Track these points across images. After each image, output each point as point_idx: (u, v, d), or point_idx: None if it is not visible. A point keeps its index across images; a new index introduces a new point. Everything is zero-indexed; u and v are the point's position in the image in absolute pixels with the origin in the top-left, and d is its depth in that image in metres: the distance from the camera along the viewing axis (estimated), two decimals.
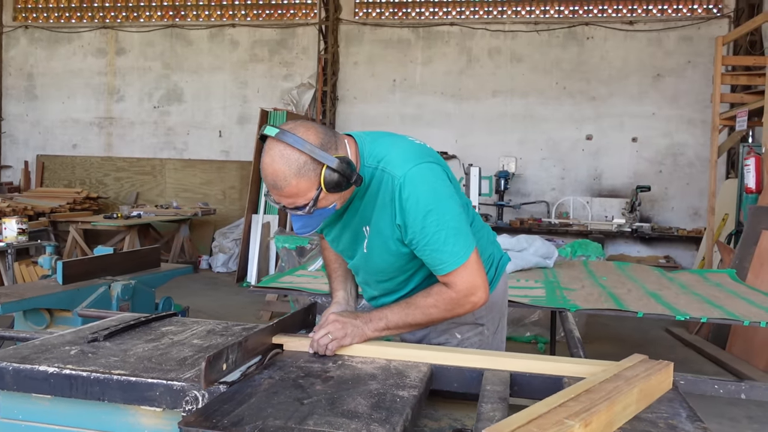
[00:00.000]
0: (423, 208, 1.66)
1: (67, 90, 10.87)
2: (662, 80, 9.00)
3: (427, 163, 1.71)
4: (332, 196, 1.64)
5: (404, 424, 1.25)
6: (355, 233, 1.82)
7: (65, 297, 3.18)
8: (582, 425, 1.11)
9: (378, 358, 1.65)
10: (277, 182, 1.58)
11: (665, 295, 3.21)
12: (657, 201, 9.13)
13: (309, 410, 1.27)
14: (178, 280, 8.25)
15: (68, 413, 1.47)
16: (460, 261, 1.69)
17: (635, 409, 1.31)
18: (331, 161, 1.57)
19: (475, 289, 1.72)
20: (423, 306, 1.75)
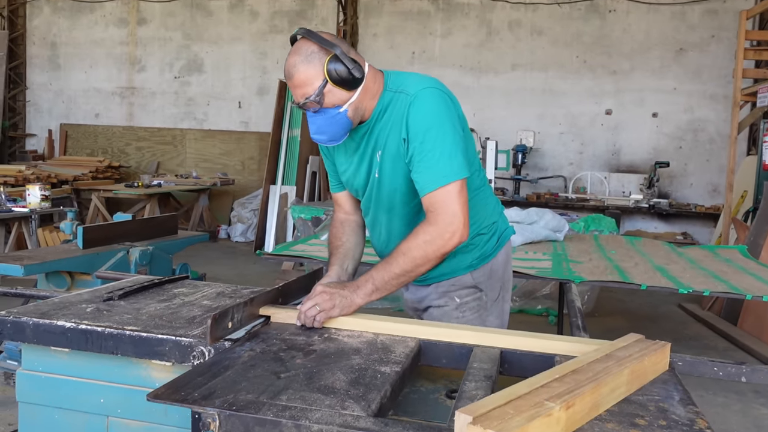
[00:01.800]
0: (426, 124, 1.73)
1: (90, 60, 10.99)
2: (685, 55, 8.87)
3: (440, 90, 1.79)
4: (339, 93, 1.72)
5: (381, 401, 1.21)
6: (369, 163, 1.87)
7: (85, 261, 3.29)
8: (563, 408, 1.05)
9: (366, 331, 1.61)
10: (290, 70, 1.72)
11: (672, 269, 3.24)
12: (676, 177, 9.06)
13: (285, 385, 1.24)
14: (197, 249, 8.42)
15: (84, 366, 1.56)
16: (445, 181, 1.71)
17: (626, 390, 1.26)
18: (336, 50, 1.67)
19: (452, 216, 1.71)
20: (404, 250, 1.72)
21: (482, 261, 1.99)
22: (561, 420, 1.04)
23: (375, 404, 1.18)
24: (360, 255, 2.05)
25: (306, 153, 8.92)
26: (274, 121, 8.62)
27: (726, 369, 1.47)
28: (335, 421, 1.09)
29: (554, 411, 1.03)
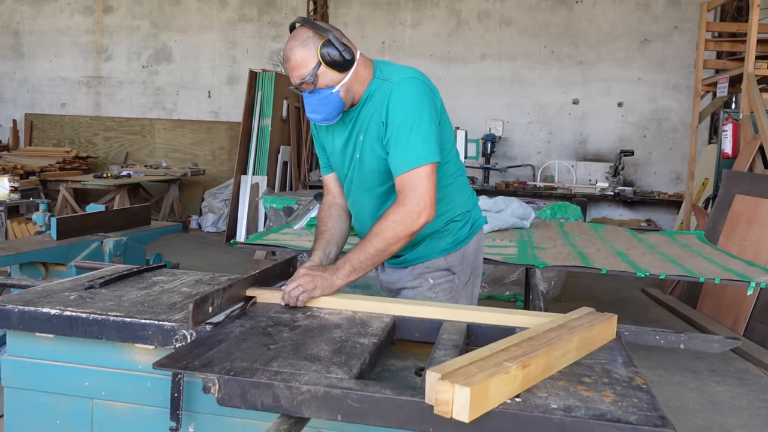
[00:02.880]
0: (404, 109, 1.86)
1: (55, 48, 10.81)
2: (649, 45, 9.08)
3: (421, 81, 1.92)
4: (331, 74, 1.88)
5: (361, 366, 1.36)
6: (353, 145, 2.01)
7: (59, 251, 3.32)
8: (520, 367, 1.19)
9: (345, 309, 1.75)
10: (287, 54, 1.88)
11: (632, 255, 3.38)
12: (640, 165, 9.29)
13: (275, 354, 1.37)
14: (169, 239, 8.40)
15: (69, 351, 1.62)
16: (417, 163, 1.84)
17: (576, 355, 1.41)
18: (330, 35, 1.85)
19: (419, 198, 1.83)
20: (377, 232, 1.85)
21: (456, 246, 2.11)
22: (518, 377, 1.18)
23: (356, 369, 1.32)
24: (344, 241, 2.17)
25: (277, 143, 8.94)
26: (245, 111, 8.62)
27: (666, 337, 1.64)
28: (322, 382, 1.22)
29: (512, 370, 1.17)
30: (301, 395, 1.21)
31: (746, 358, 4.53)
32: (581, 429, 1.11)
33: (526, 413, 1.13)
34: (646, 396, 1.24)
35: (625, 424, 1.10)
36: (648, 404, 1.19)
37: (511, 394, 1.17)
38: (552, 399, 1.19)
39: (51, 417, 1.65)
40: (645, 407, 1.18)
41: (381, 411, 1.18)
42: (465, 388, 1.07)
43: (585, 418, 1.11)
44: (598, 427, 1.11)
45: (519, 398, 1.18)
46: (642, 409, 1.17)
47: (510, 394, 1.17)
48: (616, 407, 1.16)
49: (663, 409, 1.20)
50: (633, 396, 1.23)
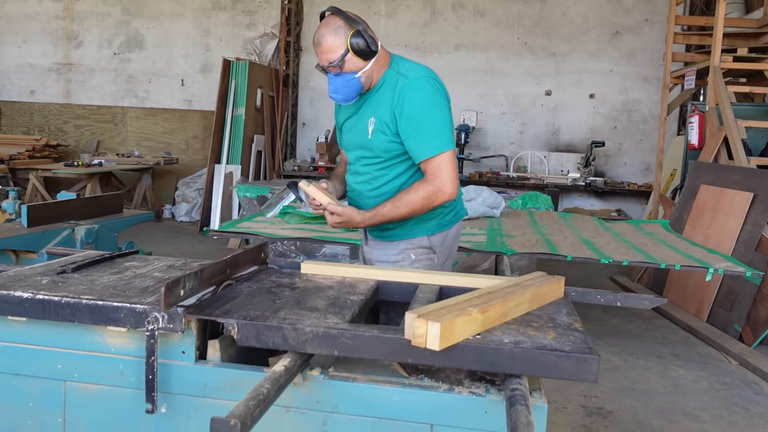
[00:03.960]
0: (423, 104, 2.11)
1: (23, 34, 10.63)
2: (620, 38, 9.22)
3: (436, 80, 2.18)
4: (356, 61, 2.11)
5: (352, 316, 1.63)
6: (364, 122, 2.24)
7: (30, 239, 3.31)
8: (480, 311, 1.47)
9: (335, 275, 2.01)
10: (319, 39, 2.11)
11: (597, 242, 3.47)
12: (611, 156, 9.45)
13: (281, 306, 1.65)
14: (141, 228, 8.35)
15: (41, 334, 1.64)
16: (441, 149, 2.11)
17: (528, 307, 1.69)
18: (360, 26, 2.08)
19: (446, 179, 2.12)
20: (405, 201, 2.15)
21: (440, 228, 2.33)
22: (478, 320, 1.47)
23: (348, 317, 1.60)
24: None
25: (251, 132, 8.92)
26: (218, 100, 8.58)
27: (606, 296, 1.93)
28: (321, 325, 1.49)
29: (473, 313, 1.45)
30: (305, 335, 1.47)
31: (708, 343, 4.68)
32: (527, 356, 1.39)
33: (484, 345, 1.41)
34: (581, 335, 1.51)
35: (561, 352, 1.38)
36: (581, 340, 1.47)
37: (473, 332, 1.45)
38: (505, 336, 1.46)
39: (23, 400, 1.67)
40: (578, 342, 1.45)
41: (369, 346, 1.44)
42: (436, 323, 1.34)
43: (530, 349, 1.39)
44: (539, 355, 1.39)
45: (479, 336, 1.46)
46: (576, 343, 1.44)
47: (472, 332, 1.45)
48: (555, 342, 1.45)
49: (592, 344, 1.45)
50: (570, 335, 1.51)
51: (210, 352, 1.63)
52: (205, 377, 1.59)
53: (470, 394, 1.49)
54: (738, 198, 5.07)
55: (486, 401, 1.48)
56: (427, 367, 1.59)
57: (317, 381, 1.54)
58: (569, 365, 1.39)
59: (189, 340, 1.59)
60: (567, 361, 1.39)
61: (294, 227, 3.47)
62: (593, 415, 3.41)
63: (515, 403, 1.29)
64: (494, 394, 1.49)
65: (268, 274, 2.02)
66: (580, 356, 1.37)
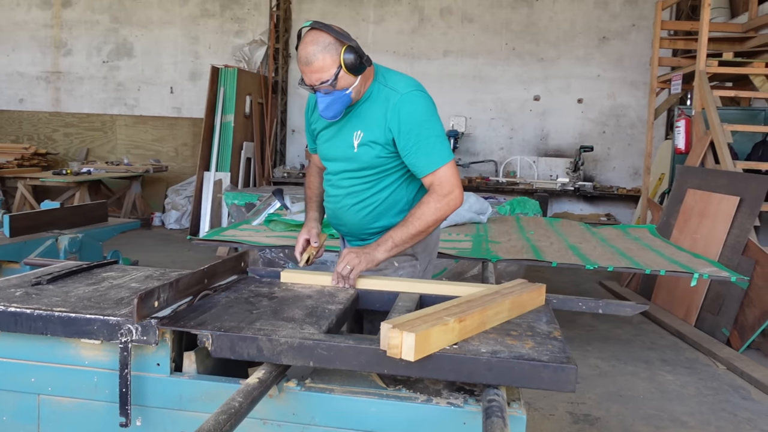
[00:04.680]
0: (419, 120, 2.09)
1: (12, 42, 10.58)
2: (608, 43, 9.26)
3: (426, 94, 2.16)
4: (348, 78, 2.04)
5: (329, 326, 1.61)
6: (348, 135, 2.19)
7: (12, 249, 3.28)
8: (456, 321, 1.46)
9: (317, 284, 2.01)
10: (308, 58, 2.01)
11: (583, 248, 3.47)
12: (600, 161, 9.48)
13: (257, 317, 1.64)
14: (131, 236, 8.30)
15: (14, 347, 1.61)
16: (445, 161, 2.11)
17: (507, 315, 1.68)
18: (351, 42, 2.01)
19: (454, 187, 2.12)
20: (417, 215, 2.11)
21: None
22: (455, 329, 1.46)
23: (325, 327, 1.58)
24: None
25: (240, 139, 8.90)
26: (207, 107, 8.56)
27: (588, 303, 1.93)
28: (297, 335, 1.48)
29: (450, 322, 1.44)
30: (280, 346, 1.46)
31: (696, 348, 4.68)
32: (504, 366, 1.38)
33: (461, 356, 1.39)
34: (559, 344, 1.50)
35: (538, 362, 1.37)
36: (559, 349, 1.45)
37: (450, 341, 1.44)
38: (483, 346, 1.45)
39: None
40: (557, 351, 1.44)
41: (345, 357, 1.43)
42: (411, 333, 1.33)
43: (507, 359, 1.38)
44: (516, 365, 1.37)
45: (456, 345, 1.45)
46: (554, 352, 1.43)
47: (449, 342, 1.44)
48: (533, 351, 1.43)
49: (570, 353, 1.45)
50: (549, 344, 1.50)
51: (186, 363, 1.61)
52: (180, 389, 1.57)
53: (448, 405, 1.48)
54: (725, 202, 5.09)
55: (464, 412, 1.47)
56: (405, 378, 1.58)
57: (293, 393, 1.52)
58: (547, 375, 1.38)
59: (164, 352, 1.57)
60: (544, 371, 1.38)
61: (279, 235, 3.45)
62: (580, 422, 3.41)
63: (491, 415, 1.28)
64: (472, 404, 1.47)
65: (247, 283, 2.00)
66: (557, 366, 1.36)
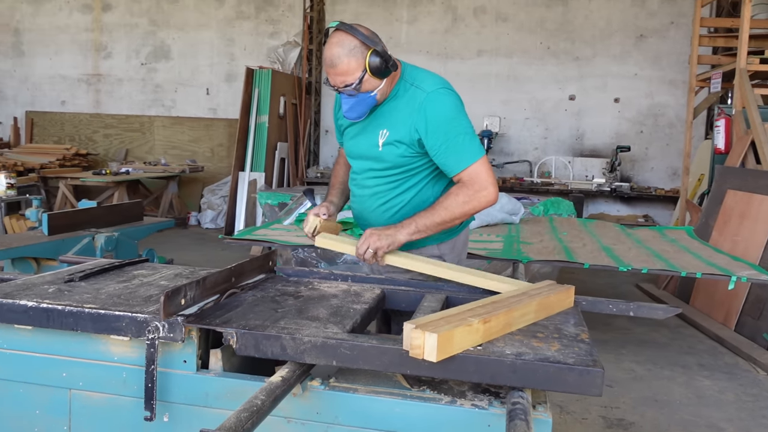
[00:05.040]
0: (447, 118, 2.05)
1: (54, 46, 10.86)
2: (645, 41, 9.08)
3: (452, 92, 2.11)
4: (373, 81, 2.02)
5: (353, 325, 1.61)
6: (373, 133, 2.16)
7: (51, 247, 3.36)
8: (481, 322, 1.44)
9: (341, 284, 2.03)
10: (333, 60, 1.99)
11: (617, 249, 3.41)
12: (637, 161, 9.30)
13: (282, 315, 1.65)
14: (167, 235, 8.45)
15: (47, 342, 1.66)
16: (476, 157, 2.05)
17: (534, 317, 1.65)
18: (377, 46, 1.97)
19: (487, 184, 2.04)
20: (445, 204, 2.06)
21: (449, 236, 2.27)
22: (480, 330, 1.44)
23: (348, 326, 1.58)
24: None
25: (274, 140, 8.97)
26: (242, 108, 8.65)
27: (618, 306, 1.88)
28: (320, 335, 1.48)
29: (474, 323, 1.42)
30: (304, 345, 1.46)
31: (736, 353, 4.56)
32: (528, 369, 1.35)
33: (485, 357, 1.38)
34: (586, 347, 1.46)
35: (564, 364, 1.34)
36: (586, 352, 1.42)
37: (474, 343, 1.42)
38: (507, 347, 1.43)
39: (30, 407, 1.68)
40: (583, 354, 1.41)
41: (368, 356, 1.43)
42: (433, 334, 1.32)
43: (532, 361, 1.36)
44: (541, 367, 1.35)
45: (480, 347, 1.43)
46: (580, 355, 1.40)
47: (473, 343, 1.42)
48: (559, 353, 1.41)
49: (598, 356, 1.41)
50: (575, 346, 1.47)
51: (212, 361, 1.62)
52: (206, 387, 1.58)
53: (473, 406, 1.46)
54: (766, 203, 4.94)
55: (489, 414, 1.45)
56: (430, 379, 1.56)
57: (317, 392, 1.53)
58: (572, 378, 1.35)
59: (190, 350, 1.59)
60: (570, 374, 1.35)
61: None
62: (614, 426, 3.34)
63: (514, 418, 1.27)
64: (497, 407, 1.46)
65: (275, 282, 2.01)
66: (583, 369, 1.34)
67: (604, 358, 4.28)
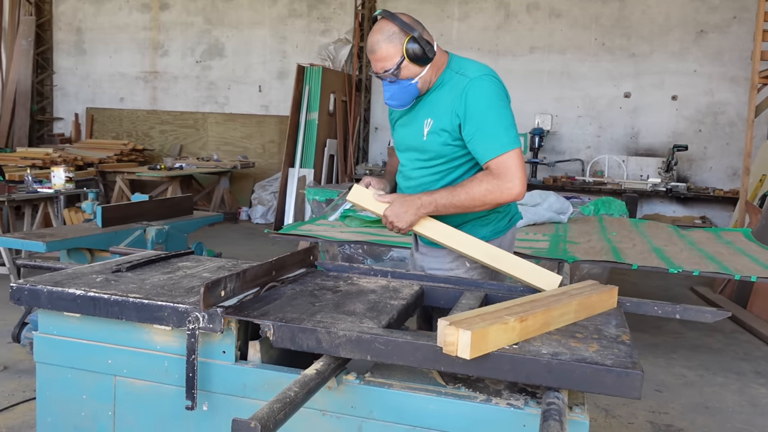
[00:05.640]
0: (486, 104, 2.01)
1: (114, 44, 11.20)
2: (705, 36, 8.78)
3: (496, 80, 2.08)
4: (413, 68, 2.04)
5: (389, 320, 1.61)
6: (419, 123, 2.16)
7: (104, 238, 3.47)
8: (517, 320, 1.42)
9: (380, 280, 2.03)
10: (373, 46, 2.04)
11: (669, 251, 3.31)
12: (695, 161, 9.01)
13: (318, 309, 1.66)
14: (218, 230, 8.62)
15: (94, 330, 1.71)
16: (508, 148, 1.99)
17: (574, 317, 1.62)
18: (414, 33, 1.99)
19: (513, 177, 1.98)
20: (467, 186, 2.02)
21: (495, 235, 2.23)
22: (516, 329, 1.42)
23: (384, 321, 1.59)
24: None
25: (324, 136, 9.05)
26: (293, 105, 8.75)
27: (664, 308, 1.84)
28: (355, 329, 1.49)
29: (510, 321, 1.40)
30: (338, 339, 1.47)
31: None
32: (564, 369, 1.33)
33: (520, 356, 1.36)
34: (626, 348, 1.43)
35: (601, 366, 1.31)
36: (626, 354, 1.39)
37: (509, 341, 1.41)
38: (544, 347, 1.41)
39: (78, 392, 1.74)
40: (623, 356, 1.37)
41: (402, 352, 1.42)
42: (467, 331, 1.31)
43: (568, 361, 1.33)
44: (578, 368, 1.32)
45: (516, 345, 1.41)
46: (620, 357, 1.37)
47: (509, 342, 1.40)
48: (597, 354, 1.37)
49: (638, 358, 1.36)
50: (615, 348, 1.43)
51: (251, 352, 1.65)
52: (244, 377, 1.61)
53: (508, 406, 1.45)
54: None
55: (524, 414, 1.43)
56: (466, 377, 1.55)
57: (352, 386, 1.53)
58: (610, 380, 1.32)
59: (229, 340, 1.61)
60: (608, 376, 1.32)
61: (353, 230, 3.48)
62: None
63: (548, 418, 1.24)
64: (533, 407, 1.44)
65: (314, 276, 2.03)
66: (621, 371, 1.30)
67: (654, 362, 4.17)
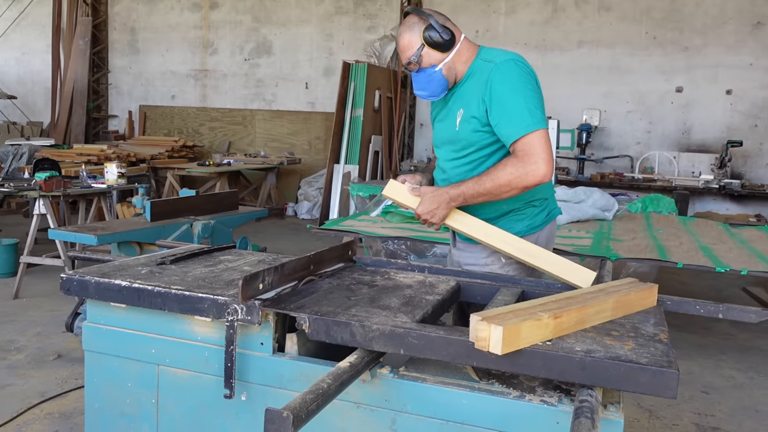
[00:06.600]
0: (510, 87, 2.02)
1: (166, 43, 11.49)
2: (762, 28, 8.48)
3: (524, 64, 2.09)
4: (434, 54, 2.11)
5: (424, 315, 1.63)
6: (453, 115, 2.19)
7: (152, 232, 3.58)
8: (551, 317, 1.41)
9: (417, 275, 2.04)
10: (398, 39, 2.16)
11: (717, 249, 3.22)
12: (750, 157, 8.72)
13: (354, 303, 1.69)
14: (264, 225, 8.76)
15: (139, 320, 1.77)
16: (532, 128, 1.97)
17: (611, 314, 1.60)
18: (431, 20, 2.08)
19: (538, 158, 1.96)
20: (492, 173, 2.03)
21: (531, 230, 2.21)
22: (549, 326, 1.41)
23: (418, 316, 1.62)
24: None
25: (368, 133, 9.09)
26: (338, 102, 8.82)
27: (706, 307, 1.82)
28: (389, 323, 1.50)
29: (543, 318, 1.39)
30: (372, 332, 1.48)
31: None
32: (598, 366, 1.31)
33: (552, 352, 1.35)
34: (663, 347, 1.40)
35: (636, 364, 1.29)
36: (662, 353, 1.36)
37: (543, 338, 1.40)
38: (578, 344, 1.40)
39: (123, 380, 1.81)
40: (659, 354, 1.35)
41: (435, 347, 1.43)
42: (499, 327, 1.31)
43: (602, 359, 1.31)
44: (612, 365, 1.30)
45: (549, 342, 1.40)
46: (655, 355, 1.35)
47: (542, 338, 1.40)
48: (632, 353, 1.36)
49: (674, 358, 1.34)
50: (651, 346, 1.41)
51: (288, 345, 1.68)
52: (281, 369, 1.65)
53: (541, 402, 1.44)
54: None
55: (557, 411, 1.43)
56: (500, 373, 1.55)
57: (387, 379, 1.55)
58: (645, 378, 1.30)
59: (267, 333, 1.65)
60: (642, 374, 1.30)
61: (394, 226, 3.50)
62: None
63: (580, 416, 1.24)
64: (567, 404, 1.43)
65: (352, 271, 2.06)
66: (656, 369, 1.29)
67: (702, 363, 4.07)
